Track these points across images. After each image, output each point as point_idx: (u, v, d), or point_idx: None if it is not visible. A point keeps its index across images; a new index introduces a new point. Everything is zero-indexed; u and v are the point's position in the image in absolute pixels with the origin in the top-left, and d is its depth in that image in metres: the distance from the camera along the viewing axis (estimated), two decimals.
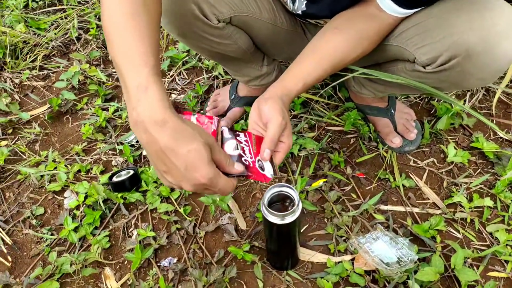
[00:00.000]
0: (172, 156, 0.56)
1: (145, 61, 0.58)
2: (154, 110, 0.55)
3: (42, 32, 1.76)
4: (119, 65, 0.59)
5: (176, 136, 0.56)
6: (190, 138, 0.57)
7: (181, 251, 1.03)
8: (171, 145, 0.56)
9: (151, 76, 0.57)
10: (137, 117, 0.56)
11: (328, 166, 1.16)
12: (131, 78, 0.57)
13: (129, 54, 0.59)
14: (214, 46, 1.00)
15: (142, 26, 0.61)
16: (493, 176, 1.13)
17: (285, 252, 0.94)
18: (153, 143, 0.56)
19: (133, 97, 0.57)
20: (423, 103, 1.33)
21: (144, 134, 0.56)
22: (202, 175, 0.58)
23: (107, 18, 0.62)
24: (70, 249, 1.06)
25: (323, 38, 0.83)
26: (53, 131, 1.39)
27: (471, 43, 0.72)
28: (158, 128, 0.55)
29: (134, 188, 1.13)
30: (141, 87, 0.56)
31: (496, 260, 0.98)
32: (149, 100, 0.56)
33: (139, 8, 0.62)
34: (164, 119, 0.55)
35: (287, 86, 0.79)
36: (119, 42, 0.60)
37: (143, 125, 0.56)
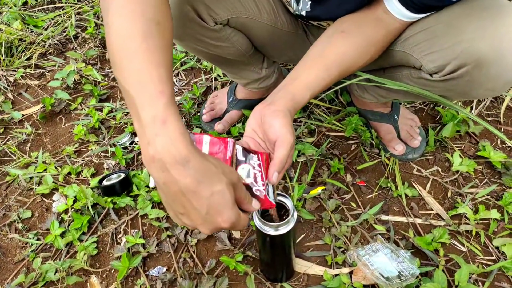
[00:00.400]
0: (193, 199, 0.51)
1: (161, 90, 0.52)
2: (175, 146, 0.49)
3: (40, 30, 1.73)
4: (130, 94, 0.52)
5: (199, 177, 0.50)
6: (214, 179, 0.51)
7: (171, 260, 0.98)
8: (193, 187, 0.50)
9: (169, 107, 0.51)
10: (154, 153, 0.49)
11: (327, 173, 1.11)
12: (146, 109, 0.51)
13: (142, 82, 0.52)
14: (211, 48, 0.96)
15: (156, 49, 0.54)
16: (500, 187, 1.08)
17: (280, 264, 0.89)
18: (172, 183, 0.50)
19: (149, 131, 0.50)
20: (428, 109, 1.28)
21: (162, 173, 0.50)
22: (224, 220, 0.53)
23: (115, 39, 0.55)
24: (56, 255, 1.02)
25: (330, 42, 0.77)
26: (45, 131, 1.35)
27: (482, 52, 0.67)
28: (179, 168, 0.49)
29: (125, 193, 1.09)
30: (159, 120, 0.50)
31: (502, 276, 0.93)
32: (168, 135, 0.49)
33: (152, 27, 0.55)
34: (187, 157, 0.49)
35: (296, 96, 0.71)
36: (130, 68, 0.53)
37: (162, 164, 0.49)
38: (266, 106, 0.68)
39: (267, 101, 0.70)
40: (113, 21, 0.56)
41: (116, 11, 0.56)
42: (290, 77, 0.74)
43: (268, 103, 0.69)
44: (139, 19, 0.55)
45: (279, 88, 0.73)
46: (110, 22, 0.56)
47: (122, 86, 0.54)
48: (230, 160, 0.61)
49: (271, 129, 0.65)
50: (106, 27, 0.57)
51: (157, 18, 0.57)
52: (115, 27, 0.55)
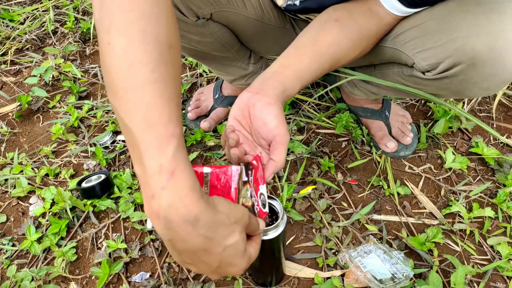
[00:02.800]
0: (203, 256, 0.46)
1: (171, 132, 0.44)
2: (184, 204, 0.43)
3: (16, 24, 1.65)
4: (133, 133, 0.44)
5: (210, 234, 0.45)
6: (227, 232, 0.46)
7: (155, 265, 0.94)
8: (204, 246, 0.45)
9: (178, 154, 0.44)
10: (158, 210, 0.43)
11: (317, 172, 1.07)
12: (152, 156, 0.43)
13: (150, 120, 0.43)
14: (194, 44, 0.91)
15: (169, 78, 0.46)
16: (494, 184, 1.05)
17: (269, 268, 0.85)
18: (179, 242, 0.45)
19: (154, 182, 0.43)
20: (420, 105, 1.25)
21: (168, 231, 0.44)
22: (236, 271, 0.50)
23: (119, 63, 0.45)
24: (33, 262, 0.97)
25: (323, 29, 0.72)
26: (22, 131, 1.28)
27: (477, 50, 0.64)
28: (188, 228, 0.43)
29: (106, 195, 1.03)
30: (165, 171, 0.43)
31: (497, 276, 0.90)
32: (176, 190, 0.43)
33: (165, 52, 0.46)
34: (197, 216, 0.43)
35: (287, 88, 0.64)
36: (136, 100, 0.44)
37: (168, 222, 0.43)
38: (255, 95, 0.62)
39: (255, 89, 0.63)
40: (117, 41, 0.45)
41: (121, 29, 0.45)
42: (281, 63, 0.68)
43: (256, 91, 0.63)
44: (151, 41, 0.46)
45: (268, 76, 0.66)
46: (113, 42, 0.45)
47: (122, 120, 0.45)
48: (236, 191, 0.55)
49: (266, 127, 0.60)
50: (106, 47, 0.46)
51: (170, 40, 0.48)
52: (119, 48, 0.45)
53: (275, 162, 0.60)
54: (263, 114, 0.60)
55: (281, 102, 0.63)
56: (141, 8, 0.46)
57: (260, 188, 0.59)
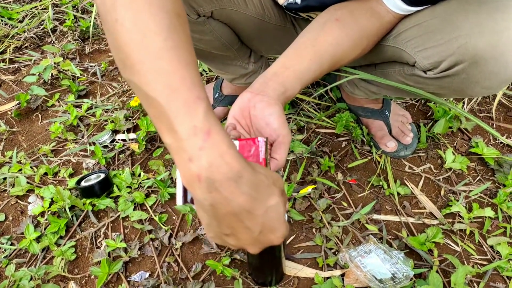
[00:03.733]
0: (246, 219, 0.45)
1: (196, 95, 0.43)
2: (225, 161, 0.42)
3: (14, 22, 1.64)
4: (158, 102, 0.43)
5: (253, 193, 0.44)
6: (268, 193, 0.46)
7: (154, 265, 0.93)
8: (248, 206, 0.44)
9: (209, 115, 0.43)
10: (199, 171, 0.42)
11: (317, 171, 1.07)
12: (182, 120, 0.42)
13: (173, 86, 0.43)
14: (194, 42, 0.90)
15: (184, 45, 0.46)
16: (493, 184, 1.05)
17: (269, 267, 0.85)
18: (223, 204, 0.43)
19: (189, 145, 0.42)
20: (420, 105, 1.25)
21: (210, 194, 0.43)
22: (277, 236, 0.48)
23: (131, 36, 0.44)
24: (31, 261, 0.96)
25: (323, 29, 0.71)
26: (20, 129, 1.28)
27: (479, 49, 0.64)
28: (232, 185, 0.42)
29: (105, 194, 1.03)
30: (201, 131, 0.42)
31: (497, 276, 0.90)
32: (216, 149, 0.42)
33: (174, 20, 0.46)
34: (239, 172, 0.42)
35: (288, 90, 0.64)
36: (155, 69, 0.44)
37: (210, 182, 0.42)
38: (255, 95, 0.62)
39: (255, 89, 0.63)
40: (124, 15, 0.45)
41: (126, 4, 0.45)
42: (281, 63, 0.67)
43: (257, 92, 0.62)
44: (159, 11, 0.45)
45: (269, 76, 0.65)
46: (121, 17, 0.45)
47: (143, 93, 0.45)
48: (264, 161, 0.54)
49: (269, 127, 0.60)
50: (114, 25, 0.46)
51: (176, 9, 0.48)
52: (128, 22, 0.45)
53: (276, 161, 0.60)
54: (265, 115, 0.60)
55: (282, 103, 0.63)
56: None
57: None
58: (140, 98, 0.46)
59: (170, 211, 1.03)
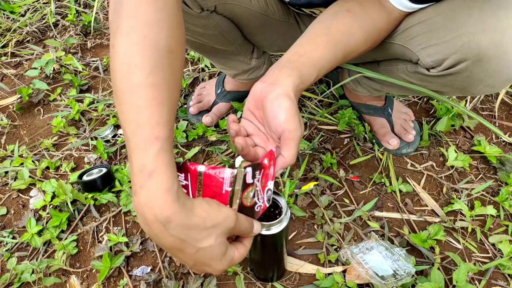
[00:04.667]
0: (178, 254, 0.49)
1: (156, 134, 0.46)
2: (157, 204, 0.45)
3: (16, 16, 1.64)
4: (126, 132, 0.48)
5: (182, 236, 0.47)
6: (201, 236, 0.48)
7: (156, 259, 0.93)
8: (176, 245, 0.47)
9: (160, 155, 0.46)
10: (137, 206, 0.46)
11: (319, 168, 1.07)
12: (137, 155, 0.46)
13: (139, 122, 0.46)
14: (197, 37, 0.91)
15: (164, 83, 0.48)
16: (496, 182, 1.05)
17: (271, 263, 0.85)
18: (155, 239, 0.48)
19: (136, 180, 0.46)
20: (422, 103, 1.25)
21: (145, 226, 0.47)
22: (213, 271, 0.52)
23: (119, 66, 0.48)
24: (33, 255, 0.96)
25: (336, 19, 0.69)
26: (22, 123, 1.28)
27: (483, 47, 0.63)
28: (160, 227, 0.46)
29: (107, 188, 1.03)
30: (145, 171, 0.45)
31: (499, 274, 0.90)
32: (152, 190, 0.45)
33: (163, 58, 0.49)
34: (168, 217, 0.45)
35: (303, 75, 0.60)
36: (130, 103, 0.47)
37: (144, 219, 0.46)
38: (268, 85, 0.58)
39: (269, 78, 0.59)
40: (120, 44, 0.49)
41: (124, 34, 0.49)
42: (294, 51, 0.64)
43: (270, 81, 0.59)
44: (150, 47, 0.48)
45: (282, 63, 0.62)
46: (117, 45, 0.49)
47: (120, 119, 0.49)
48: (228, 193, 0.53)
49: (275, 120, 0.57)
50: (112, 50, 0.50)
51: (170, 45, 0.50)
52: (121, 52, 0.48)
53: (284, 158, 0.57)
54: (273, 107, 0.57)
55: (297, 90, 0.59)
56: (145, 15, 0.49)
57: (269, 184, 0.58)
58: (121, 127, 0.50)
59: None
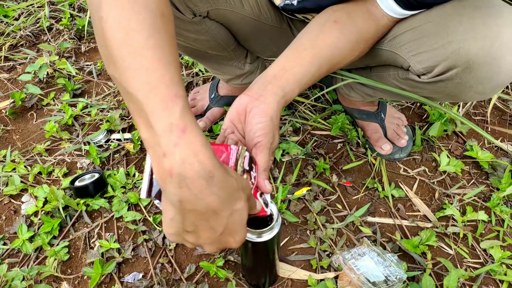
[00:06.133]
0: (211, 218, 0.46)
1: (175, 93, 0.44)
2: (198, 159, 0.43)
3: (10, 20, 1.63)
4: (137, 98, 0.44)
5: (222, 194, 0.45)
6: (236, 196, 0.47)
7: (148, 265, 0.93)
8: (215, 206, 0.45)
9: (186, 113, 0.44)
10: (172, 167, 0.43)
11: (312, 173, 1.07)
12: (160, 116, 0.43)
13: (153, 83, 0.44)
14: (190, 42, 0.91)
15: (165, 44, 0.47)
16: (487, 188, 1.06)
17: (262, 270, 0.85)
18: (191, 202, 0.44)
19: (165, 141, 0.43)
20: (415, 108, 1.25)
21: (180, 189, 0.43)
22: (236, 240, 0.50)
23: (114, 33, 0.46)
24: (24, 261, 0.95)
25: (322, 31, 0.71)
26: (15, 128, 1.27)
27: (472, 54, 0.64)
28: (203, 184, 0.43)
29: (99, 194, 1.02)
30: (177, 128, 0.43)
31: (490, 279, 0.91)
32: (190, 146, 0.43)
33: (157, 20, 0.47)
34: (211, 172, 0.43)
35: (287, 93, 0.64)
36: (135, 67, 0.45)
37: (182, 179, 0.43)
38: (254, 100, 0.62)
39: (254, 94, 0.63)
40: (108, 13, 0.46)
41: (111, 2, 0.47)
42: (280, 66, 0.67)
43: (256, 97, 0.62)
44: (142, 9, 0.46)
45: (268, 79, 0.65)
46: (105, 15, 0.47)
47: (124, 89, 0.46)
48: (234, 169, 0.55)
49: (251, 133, 0.61)
50: (100, 23, 0.47)
51: (161, 8, 0.48)
52: (112, 19, 0.46)
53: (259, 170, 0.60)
54: (253, 122, 0.61)
55: (280, 108, 0.63)
56: None
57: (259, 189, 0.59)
58: (122, 94, 0.48)
59: None
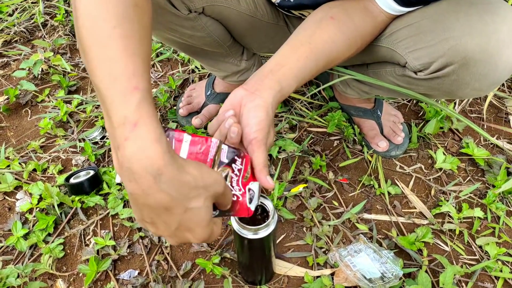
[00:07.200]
0: (163, 214, 0.45)
1: (134, 85, 0.44)
2: (146, 155, 0.42)
3: (4, 16, 1.62)
4: (99, 89, 0.45)
5: (172, 192, 0.43)
6: (191, 195, 0.45)
7: (144, 263, 0.93)
8: (165, 203, 0.44)
9: (142, 105, 0.43)
10: (122, 160, 0.43)
11: (309, 170, 1.07)
12: (117, 108, 0.43)
13: (114, 74, 0.44)
14: (185, 38, 0.90)
15: (133, 34, 0.46)
16: (483, 185, 1.06)
17: (259, 266, 0.85)
18: (141, 196, 0.44)
19: (118, 133, 0.43)
20: (411, 105, 1.25)
21: (130, 183, 0.43)
22: (195, 237, 0.48)
23: (83, 22, 0.46)
24: (19, 258, 0.95)
25: (319, 27, 0.70)
26: (9, 124, 1.26)
27: (469, 50, 0.64)
28: (150, 180, 0.42)
29: (94, 191, 1.02)
30: (129, 122, 0.42)
31: (485, 276, 0.91)
32: (139, 141, 0.42)
33: (129, 9, 0.47)
34: (159, 169, 0.42)
35: (283, 88, 0.63)
36: (100, 56, 0.45)
37: (130, 173, 0.43)
38: (249, 94, 0.61)
39: (250, 87, 0.62)
40: (81, 1, 0.47)
41: None
42: (277, 61, 0.66)
43: (252, 90, 0.61)
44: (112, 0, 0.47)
45: (265, 74, 0.64)
46: (78, 4, 0.47)
47: (92, 79, 0.46)
48: (211, 162, 0.54)
49: (247, 128, 0.59)
50: (74, 12, 0.48)
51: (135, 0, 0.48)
52: (82, 8, 0.47)
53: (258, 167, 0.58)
54: (249, 116, 0.59)
55: (276, 103, 0.62)
56: None
57: (251, 184, 0.58)
58: (92, 83, 0.49)
59: None
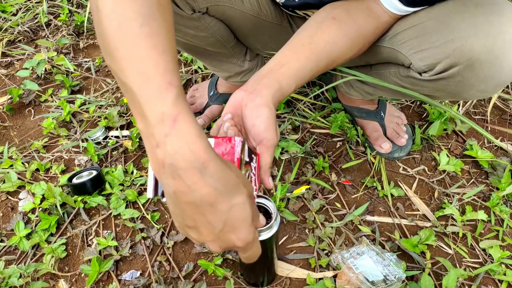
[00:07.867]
0: (208, 212, 0.44)
1: (168, 81, 0.43)
2: (190, 149, 0.41)
3: (8, 15, 1.62)
4: (131, 88, 0.44)
5: (218, 186, 0.42)
6: (235, 190, 0.44)
7: (146, 263, 0.92)
8: (211, 198, 0.43)
9: (179, 101, 0.43)
10: (164, 157, 0.42)
11: (311, 172, 1.06)
12: (153, 105, 0.42)
13: (146, 72, 0.43)
14: (189, 38, 0.90)
15: (161, 32, 0.46)
16: (487, 187, 1.05)
17: (261, 268, 0.84)
18: (185, 193, 0.42)
19: (157, 131, 0.42)
20: (415, 107, 1.25)
21: (173, 180, 0.42)
22: (240, 238, 0.46)
23: (109, 23, 0.45)
24: (21, 258, 0.95)
25: (320, 28, 0.70)
26: (12, 124, 1.26)
27: (475, 51, 0.63)
28: (196, 175, 0.41)
29: (97, 191, 1.02)
30: (168, 118, 0.42)
31: (489, 279, 0.90)
32: (182, 136, 0.41)
33: (154, 8, 0.46)
34: (205, 162, 0.41)
35: (283, 87, 0.63)
36: (130, 56, 0.44)
37: (174, 169, 0.41)
38: (248, 94, 0.61)
39: (249, 88, 0.62)
40: (104, 2, 0.46)
41: None
42: (277, 61, 0.66)
43: (251, 90, 0.61)
44: None
45: (264, 73, 0.64)
46: (101, 5, 0.46)
47: (119, 79, 0.45)
48: (239, 162, 0.53)
49: (254, 129, 0.59)
50: (97, 14, 0.47)
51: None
52: (107, 8, 0.46)
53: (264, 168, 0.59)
54: (253, 116, 0.59)
55: (275, 102, 0.62)
56: None
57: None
58: (119, 85, 0.47)
59: (162, 209, 1.02)
